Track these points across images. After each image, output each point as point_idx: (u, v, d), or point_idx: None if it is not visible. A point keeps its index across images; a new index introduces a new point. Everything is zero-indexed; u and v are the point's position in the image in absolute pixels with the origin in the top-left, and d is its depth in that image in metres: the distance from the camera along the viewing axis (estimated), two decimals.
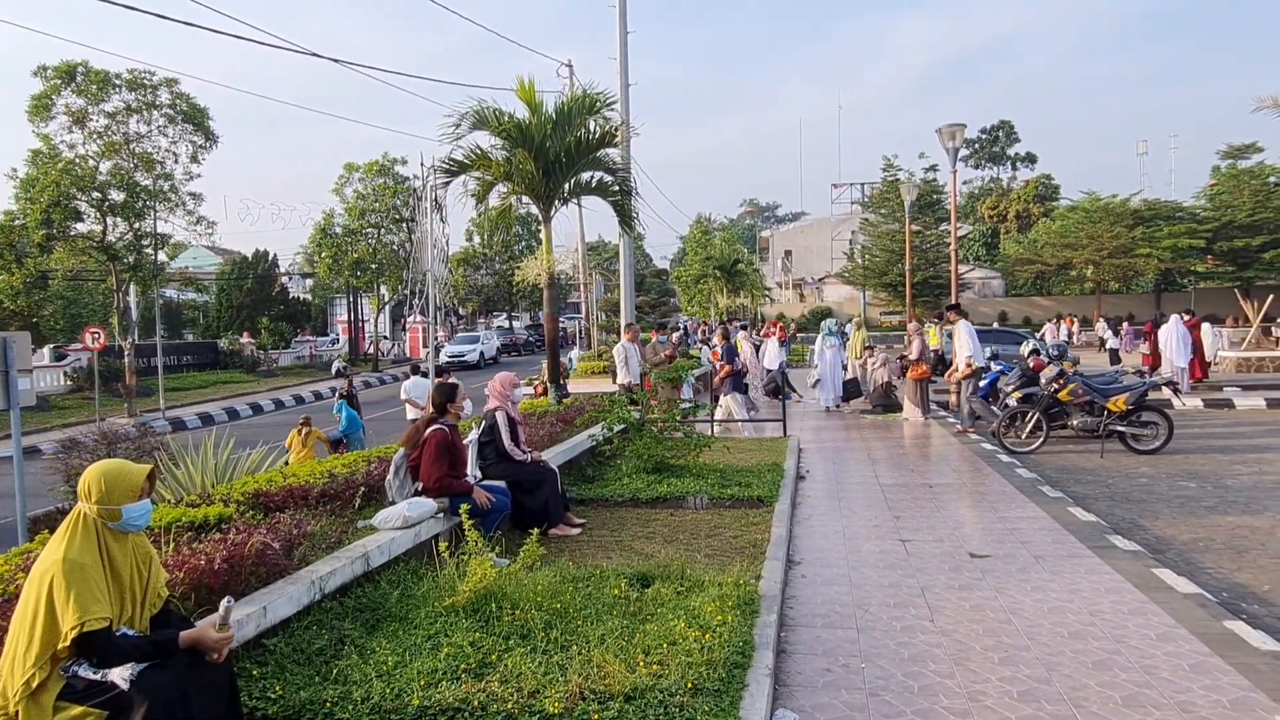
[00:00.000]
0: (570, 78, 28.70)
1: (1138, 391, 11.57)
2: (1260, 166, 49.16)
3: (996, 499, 8.59)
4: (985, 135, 71.14)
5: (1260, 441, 12.31)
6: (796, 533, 7.44)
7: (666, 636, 4.19)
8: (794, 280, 67.48)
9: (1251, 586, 6.11)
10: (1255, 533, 7.47)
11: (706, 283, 48.24)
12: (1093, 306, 45.45)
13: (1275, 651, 4.62)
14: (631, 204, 15.22)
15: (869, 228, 53.42)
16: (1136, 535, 7.41)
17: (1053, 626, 5.05)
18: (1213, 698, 4.08)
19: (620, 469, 9.33)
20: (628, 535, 7.06)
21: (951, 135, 16.92)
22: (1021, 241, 54.80)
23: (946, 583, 5.94)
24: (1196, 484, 9.54)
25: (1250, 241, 43.24)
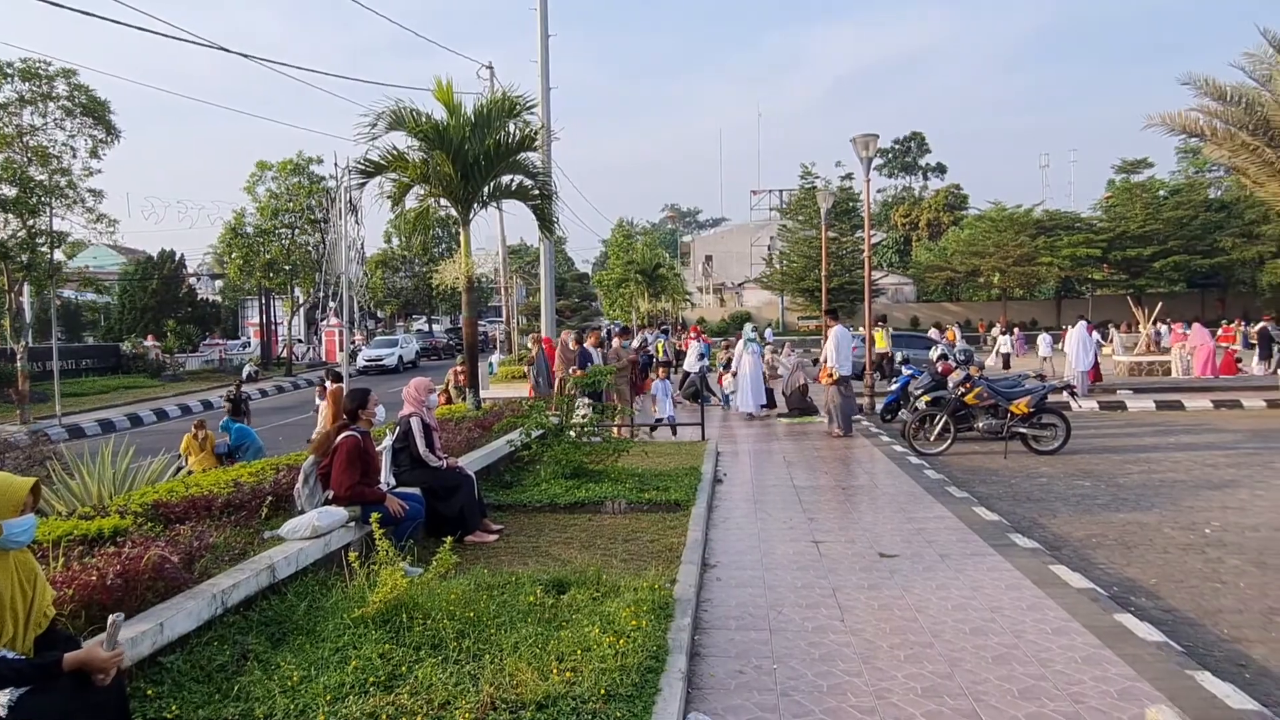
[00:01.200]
0: (491, 79, 28.48)
1: (1038, 395, 12.07)
2: (1151, 181, 51.97)
3: (906, 500, 8.84)
4: (898, 145, 73.20)
5: (1149, 441, 12.98)
6: (713, 536, 7.52)
7: (581, 643, 4.18)
8: (715, 285, 68.23)
9: (1140, 580, 6.43)
10: (1144, 529, 7.87)
11: (628, 287, 48.36)
12: (999, 312, 47.21)
13: (1160, 642, 4.87)
14: (552, 208, 15.15)
15: (787, 234, 54.47)
16: (1035, 533, 7.72)
17: (956, 623, 5.23)
18: (1102, 688, 4.28)
19: (539, 474, 9.28)
20: (545, 541, 7.02)
21: (865, 145, 17.33)
22: (932, 249, 56.62)
23: (857, 583, 6.09)
24: (1091, 483, 10.01)
25: (1142, 251, 45.61)
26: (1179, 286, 47.99)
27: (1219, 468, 10.65)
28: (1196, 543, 7.36)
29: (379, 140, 12.94)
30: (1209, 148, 18.47)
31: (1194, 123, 17.03)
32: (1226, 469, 10.56)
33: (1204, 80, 16.70)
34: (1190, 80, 16.85)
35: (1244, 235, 44.63)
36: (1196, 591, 6.14)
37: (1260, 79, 16.69)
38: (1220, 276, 47.10)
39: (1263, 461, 10.99)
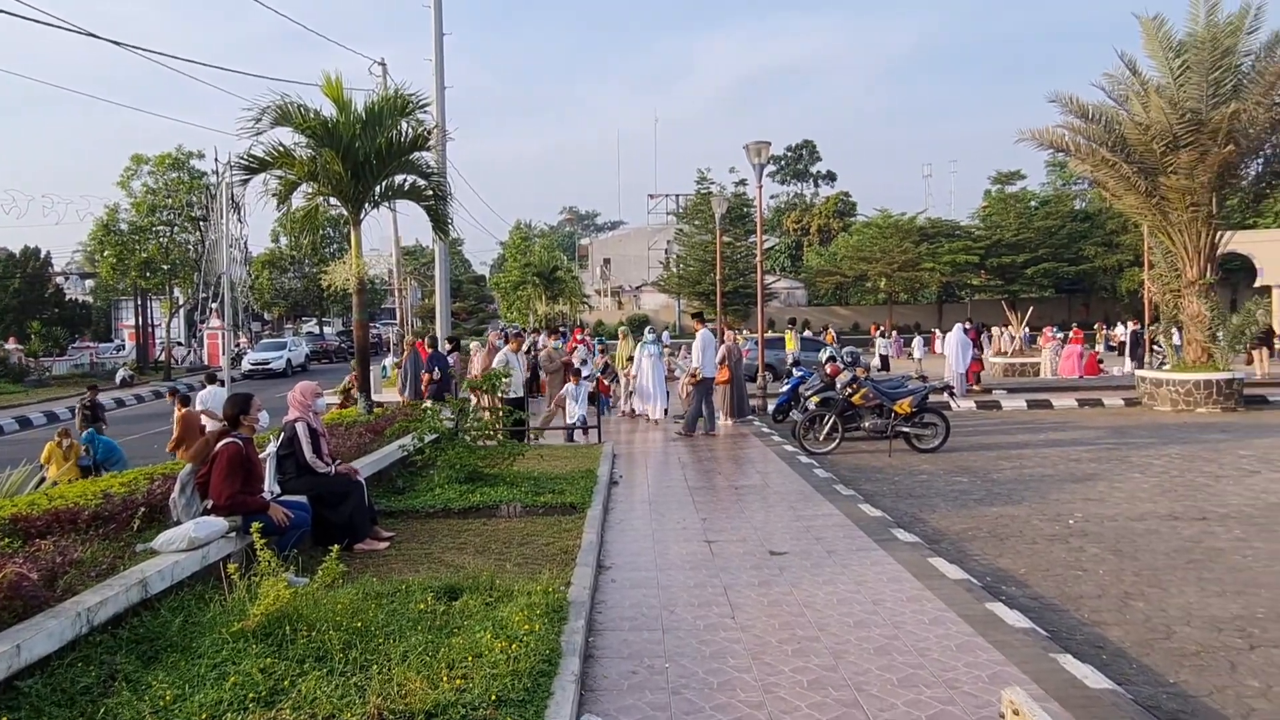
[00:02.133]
0: (384, 77, 27.77)
1: (920, 395, 12.60)
2: (1023, 192, 54.98)
3: (796, 498, 9.09)
4: (790, 153, 75.18)
5: (1021, 439, 13.73)
6: (608, 538, 7.56)
7: (472, 649, 4.14)
8: (612, 288, 68.50)
9: (1010, 570, 6.80)
10: (1015, 521, 8.33)
11: (526, 289, 48.12)
12: (885, 315, 49.05)
13: (1027, 628, 5.17)
14: (447, 209, 14.92)
15: (683, 238, 55.20)
16: (916, 528, 8.07)
17: (841, 617, 5.41)
18: (974, 673, 4.51)
19: (432, 479, 9.13)
20: (438, 547, 6.92)
21: (757, 152, 17.74)
22: (823, 254, 58.37)
23: (748, 580, 6.23)
24: (968, 479, 10.52)
25: (1015, 258, 48.24)
26: (1048, 292, 50.94)
27: (1082, 462, 11.36)
28: (1061, 533, 7.83)
29: (264, 136, 12.50)
30: (1074, 162, 19.70)
31: (1060, 139, 18.12)
32: (1089, 463, 11.27)
33: (1069, 99, 17.80)
34: (1057, 99, 17.96)
35: (1105, 244, 47.80)
36: (1061, 579, 6.53)
37: (1118, 99, 17.91)
38: (1084, 283, 50.23)
39: (1120, 456, 11.78)
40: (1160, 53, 17.07)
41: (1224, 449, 12.16)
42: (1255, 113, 15.78)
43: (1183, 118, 16.07)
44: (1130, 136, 16.91)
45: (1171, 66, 16.82)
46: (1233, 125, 15.59)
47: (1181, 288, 17.56)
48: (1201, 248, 17.09)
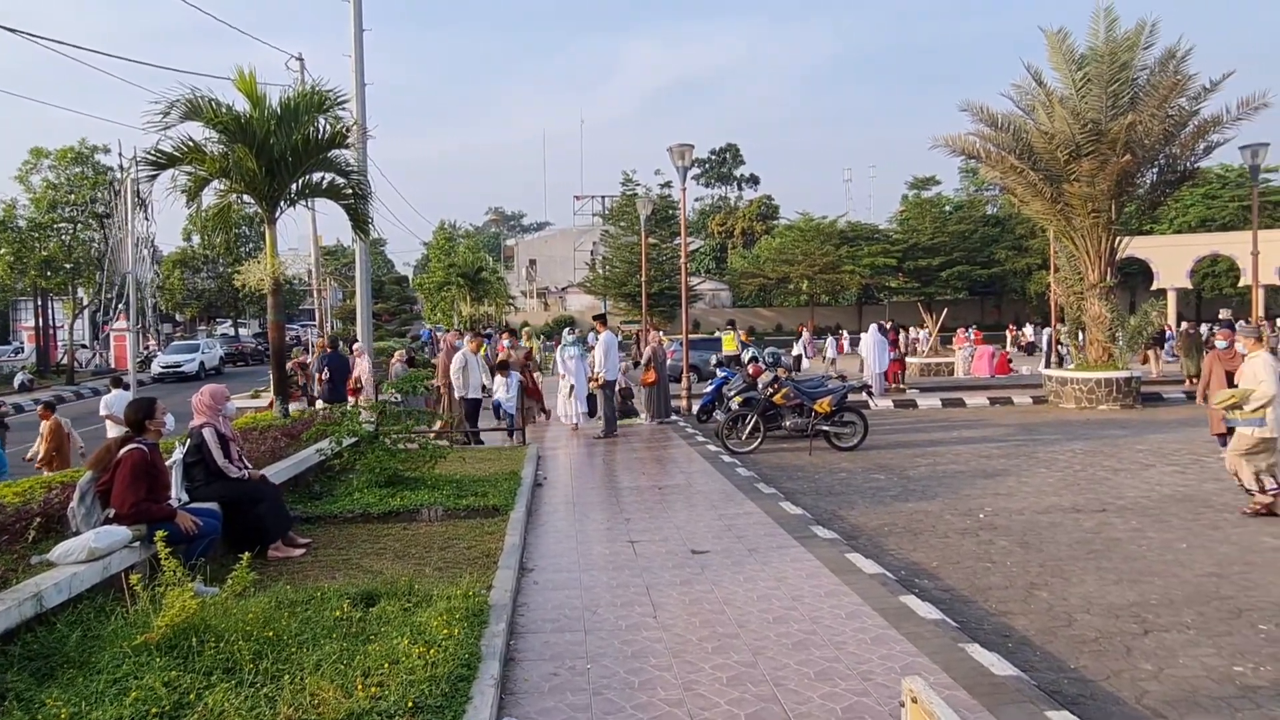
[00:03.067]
0: (301, 72, 27.07)
1: (839, 394, 12.88)
2: (939, 197, 56.70)
3: (718, 498, 9.19)
4: (714, 156, 75.94)
5: (936, 436, 14.15)
6: (531, 540, 7.52)
7: (389, 656, 4.07)
8: (538, 289, 68.15)
9: (924, 564, 7.00)
10: (928, 516, 8.58)
11: (450, 290, 47.48)
12: (807, 317, 49.97)
13: (938, 620, 5.33)
14: (367, 208, 14.60)
15: (609, 239, 55.27)
16: (835, 525, 8.24)
17: (761, 613, 5.49)
18: (888, 665, 4.63)
19: (351, 484, 8.94)
20: (356, 553, 6.78)
21: (681, 154, 17.86)
22: (747, 256, 59.16)
23: (670, 579, 6.27)
24: (885, 476, 10.79)
25: (931, 261, 49.72)
26: (963, 294, 52.64)
27: (992, 458, 11.78)
28: (972, 527, 8.10)
29: (173, 130, 12.02)
30: (984, 169, 20.42)
31: (972, 146, 18.74)
32: (998, 459, 11.69)
33: (979, 108, 18.43)
34: (968, 107, 18.56)
35: (1015, 248, 49.67)
36: (971, 571, 6.75)
37: (1026, 108, 18.62)
38: (996, 285, 52.07)
39: (1027, 452, 12.25)
40: (1064, 65, 17.81)
41: (1122, 444, 12.75)
42: (1150, 124, 16.59)
43: (1084, 127, 16.79)
44: (1037, 145, 17.60)
45: (1074, 78, 17.56)
46: (1130, 136, 16.37)
47: (1084, 290, 18.35)
48: (1102, 252, 17.89)
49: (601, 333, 14.68)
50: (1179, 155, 17.94)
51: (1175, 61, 17.11)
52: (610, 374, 14.25)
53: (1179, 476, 10.18)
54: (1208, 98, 17.15)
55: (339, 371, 15.09)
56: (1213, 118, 17.24)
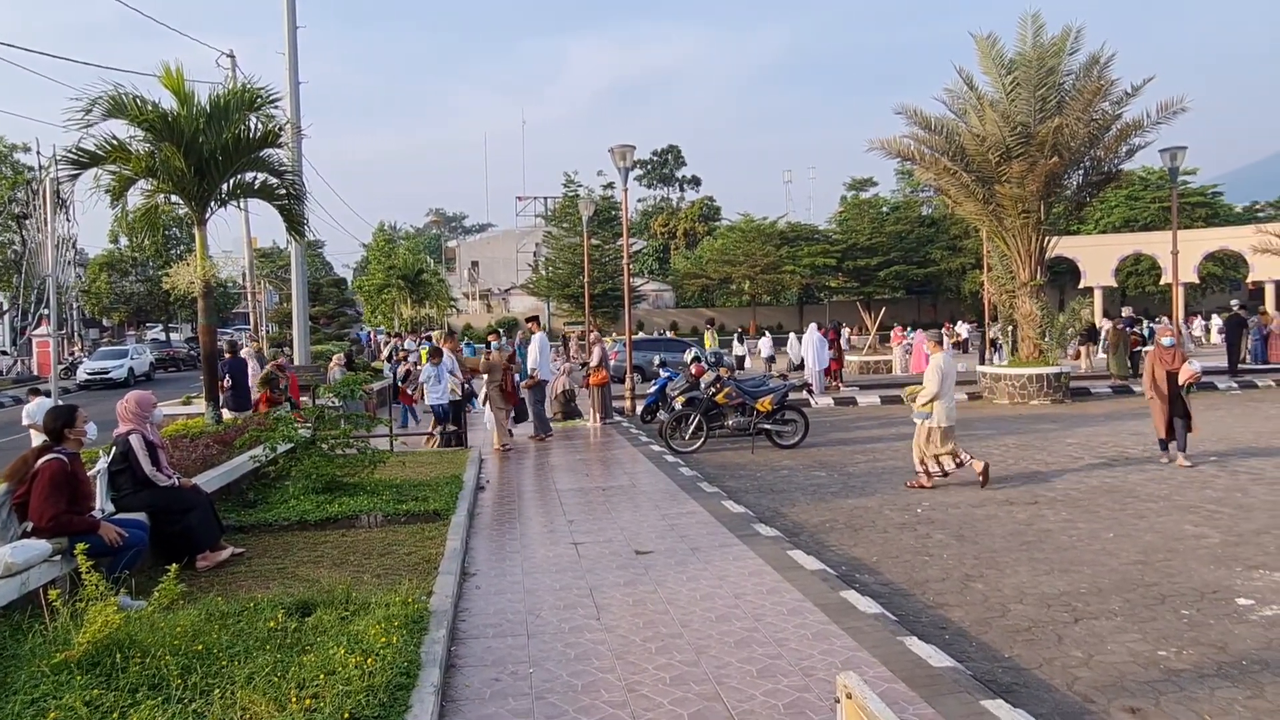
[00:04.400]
0: (233, 69, 26.41)
1: (780, 393, 13.01)
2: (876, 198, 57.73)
3: (662, 498, 9.20)
4: (656, 157, 76.17)
5: (875, 433, 14.38)
6: (473, 544, 7.43)
7: (325, 666, 3.97)
8: (481, 291, 67.54)
9: (864, 559, 7.10)
10: (868, 512, 8.71)
11: (390, 292, 46.74)
12: (749, 317, 50.42)
13: (878, 614, 5.41)
14: (302, 209, 14.29)
15: (552, 240, 54.98)
16: (777, 522, 8.31)
17: (703, 612, 5.51)
18: (829, 660, 4.68)
19: (287, 491, 8.72)
20: (292, 561, 6.62)
21: (623, 155, 17.86)
22: (689, 257, 59.42)
23: (613, 581, 6.25)
24: (826, 473, 10.93)
25: (870, 261, 50.58)
26: (900, 293, 53.65)
27: None
28: (910, 522, 8.25)
29: (96, 128, 11.60)
30: (919, 170, 20.85)
31: (906, 148, 19.11)
32: None
33: (914, 111, 18.81)
34: (903, 110, 18.93)
35: (950, 248, 50.81)
36: (909, 565, 6.87)
37: (958, 112, 19.06)
38: (932, 284, 53.18)
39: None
40: (993, 70, 18.28)
41: (1053, 438, 13.12)
42: (1076, 127, 17.12)
43: (1014, 130, 17.26)
44: (969, 147, 18.02)
45: (1003, 83, 18.03)
46: (1057, 138, 16.86)
47: (1016, 289, 18.86)
48: (1032, 251, 18.41)
49: (535, 334, 14.61)
50: (1103, 157, 18.54)
51: (1099, 67, 17.68)
52: (544, 373, 14.18)
53: (1106, 469, 10.51)
54: (1129, 102, 17.80)
55: (240, 378, 14.65)
56: (1134, 121, 17.88)
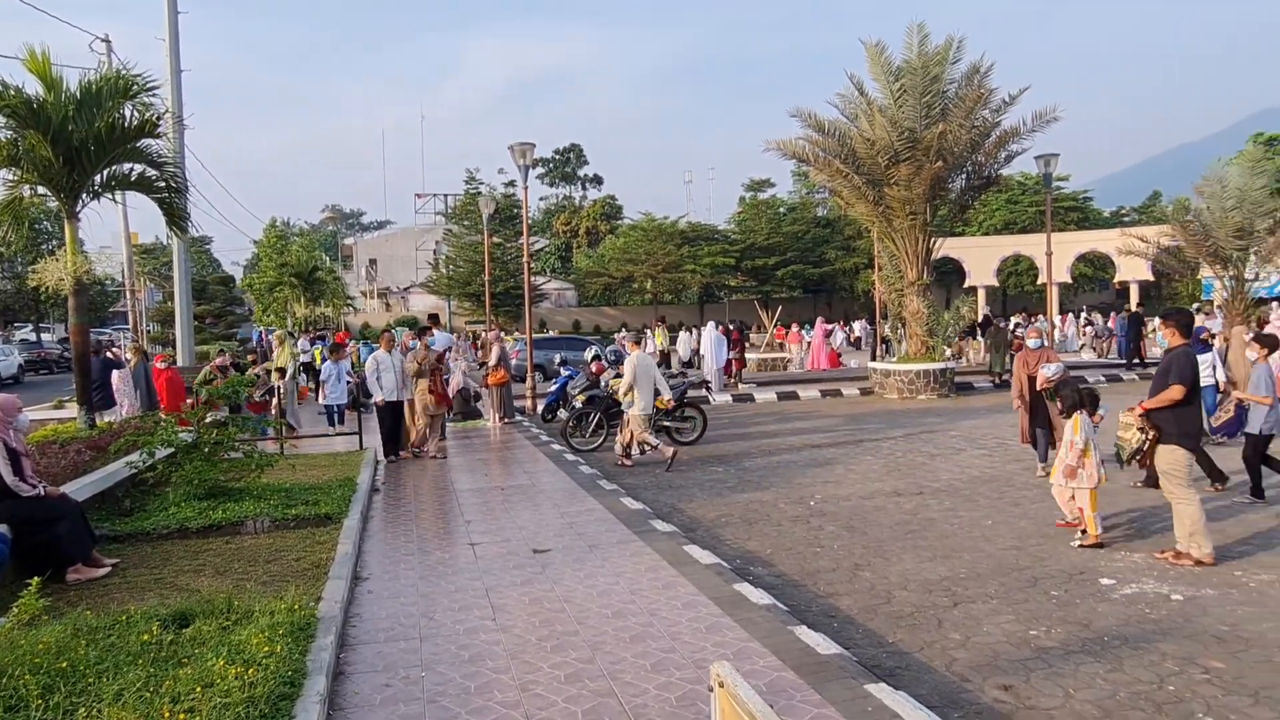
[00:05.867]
0: (109, 54, 25.02)
1: (679, 390, 13.15)
2: (773, 199, 58.98)
3: (561, 496, 9.19)
4: (558, 156, 75.86)
5: (771, 429, 14.71)
6: (367, 548, 7.26)
7: (202, 679, 3.82)
8: (379, 289, 65.92)
9: (758, 552, 7.26)
10: (763, 506, 8.90)
11: (282, 291, 45.15)
12: (651, 316, 50.75)
13: (769, 605, 5.54)
14: (184, 202, 13.65)
15: (453, 238, 54.11)
16: (675, 518, 8.41)
17: (600, 609, 5.53)
18: (721, 652, 4.76)
19: (167, 498, 8.33)
20: (171, 571, 6.33)
21: (522, 153, 17.72)
22: (591, 256, 59.43)
23: (510, 581, 6.22)
24: (723, 468, 11.12)
25: (767, 261, 51.67)
26: (797, 293, 54.94)
27: (822, 448, 12.36)
28: (803, 514, 8.47)
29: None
30: (814, 172, 21.39)
31: (801, 150, 19.59)
32: (828, 449, 12.28)
33: (808, 114, 19.29)
34: (798, 113, 19.40)
35: (844, 248, 52.41)
36: (801, 556, 7.06)
37: (850, 116, 19.65)
38: (827, 284, 54.71)
39: (855, 441, 12.93)
40: (882, 76, 18.91)
41: (938, 431, 13.69)
42: (958, 133, 17.89)
43: (902, 135, 17.90)
44: (860, 150, 18.61)
45: (892, 89, 18.69)
46: (941, 143, 17.58)
47: (904, 287, 19.58)
48: (919, 252, 19.15)
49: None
50: (984, 162, 19.44)
51: (979, 76, 18.53)
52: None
53: (986, 459, 11.02)
54: (1007, 110, 18.70)
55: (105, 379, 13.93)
56: (1011, 129, 18.79)
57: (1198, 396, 6.63)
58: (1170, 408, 6.52)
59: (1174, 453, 6.53)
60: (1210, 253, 20.91)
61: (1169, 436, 6.56)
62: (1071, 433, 7.05)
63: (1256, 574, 6.14)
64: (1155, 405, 6.59)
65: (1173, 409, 6.52)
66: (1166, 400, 6.50)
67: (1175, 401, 6.47)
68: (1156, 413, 6.62)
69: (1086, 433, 7.03)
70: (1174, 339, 6.80)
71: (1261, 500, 8.19)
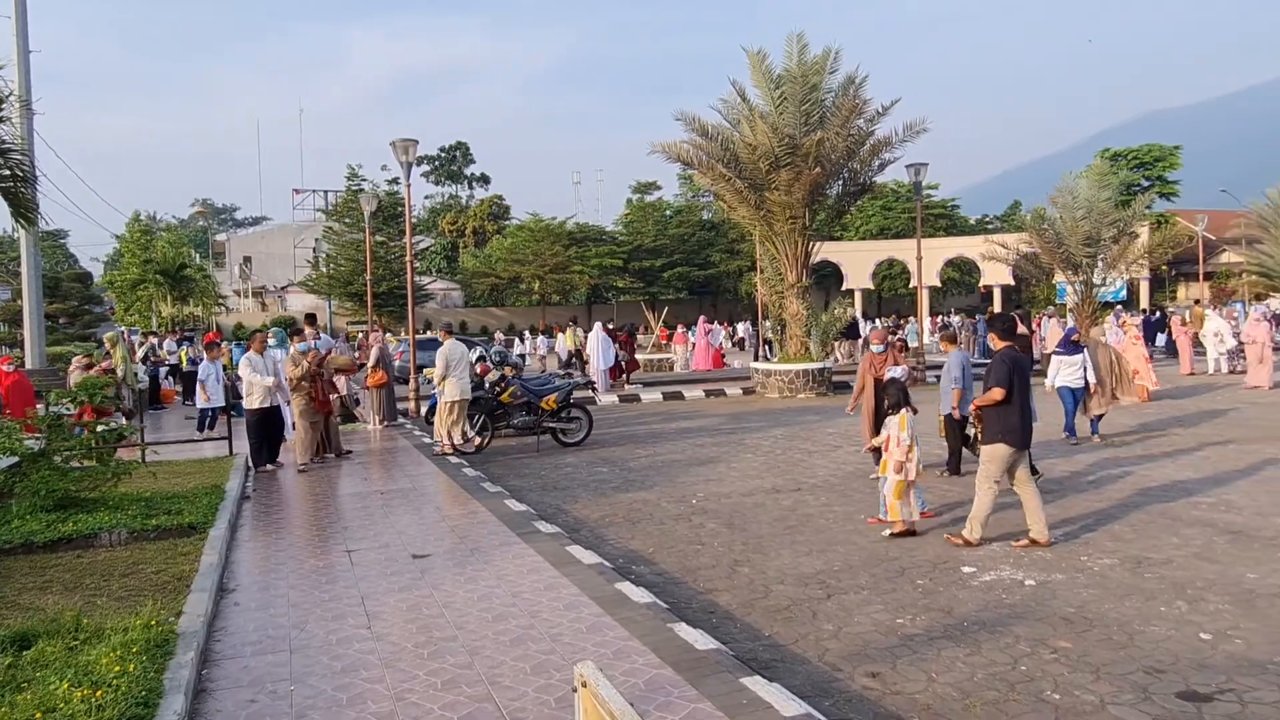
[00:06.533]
0: None
1: (565, 391, 13.13)
2: (660, 201, 59.62)
3: (443, 499, 9.02)
4: (444, 154, 74.55)
5: (656, 429, 14.86)
6: (235, 558, 6.94)
7: (44, 704, 3.57)
8: (254, 288, 63.12)
9: (641, 550, 7.32)
10: (647, 505, 8.98)
11: (147, 288, 42.70)
12: (539, 317, 50.49)
13: (650, 603, 5.59)
14: (33, 193, 12.70)
15: (334, 236, 52.28)
16: (559, 519, 8.39)
17: (480, 613, 5.46)
18: (601, 651, 4.78)
19: (10, 511, 7.74)
20: (13, 589, 5.89)
21: (405, 150, 17.32)
22: (478, 256, 58.64)
23: (387, 587, 6.06)
24: (608, 468, 11.16)
25: (654, 263, 52.22)
26: (683, 294, 55.74)
27: (706, 447, 12.58)
28: (685, 512, 8.59)
29: None
30: (698, 175, 21.75)
31: (686, 153, 19.88)
32: (711, 448, 12.51)
33: (692, 118, 19.59)
34: (682, 117, 19.67)
35: (729, 251, 53.52)
36: (683, 554, 7.16)
37: (733, 122, 20.06)
38: (713, 286, 55.75)
39: (737, 440, 13.21)
40: (764, 83, 19.39)
41: (816, 428, 14.13)
42: (836, 141, 18.53)
43: (782, 141, 18.40)
44: (742, 155, 19.02)
45: (773, 96, 19.19)
46: (819, 150, 18.16)
47: (785, 290, 20.13)
48: (799, 255, 19.73)
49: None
50: (860, 170, 20.19)
51: (855, 86, 19.24)
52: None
53: (861, 456, 11.41)
54: (880, 120, 19.47)
55: None
56: (884, 138, 19.61)
57: (1018, 396, 6.98)
58: (992, 406, 6.96)
59: (993, 449, 7.00)
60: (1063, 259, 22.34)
61: (990, 434, 7.04)
62: (899, 429, 7.38)
63: (1100, 559, 6.60)
64: (983, 404, 7.04)
65: (994, 407, 6.97)
66: (989, 400, 6.94)
67: (997, 401, 6.91)
68: (983, 409, 7.07)
69: (912, 429, 7.37)
70: (996, 343, 7.32)
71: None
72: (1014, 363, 7.00)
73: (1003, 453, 6.94)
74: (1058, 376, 11.98)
